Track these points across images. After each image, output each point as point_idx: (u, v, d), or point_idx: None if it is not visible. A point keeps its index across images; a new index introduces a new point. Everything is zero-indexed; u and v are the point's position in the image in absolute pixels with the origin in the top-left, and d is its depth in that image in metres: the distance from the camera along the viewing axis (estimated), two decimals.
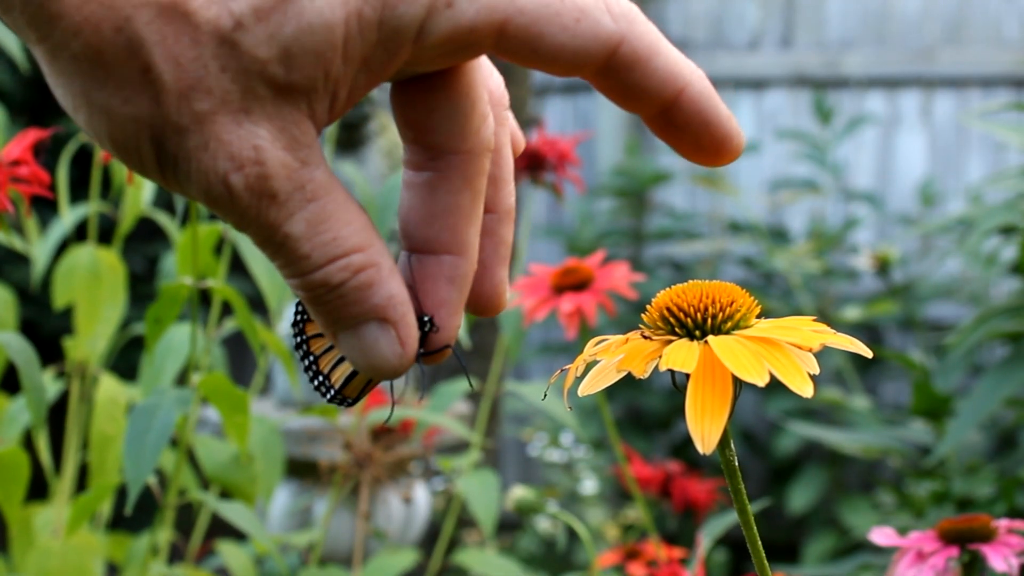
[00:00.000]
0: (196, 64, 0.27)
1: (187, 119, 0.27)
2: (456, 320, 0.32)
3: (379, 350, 0.30)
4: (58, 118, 2.50)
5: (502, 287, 0.34)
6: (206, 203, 0.28)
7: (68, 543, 0.86)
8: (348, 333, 0.30)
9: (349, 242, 0.29)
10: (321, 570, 0.94)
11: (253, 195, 0.28)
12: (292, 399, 1.54)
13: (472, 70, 0.31)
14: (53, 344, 1.28)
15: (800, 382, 0.31)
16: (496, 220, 0.34)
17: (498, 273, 0.34)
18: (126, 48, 0.26)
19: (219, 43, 0.27)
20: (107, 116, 0.27)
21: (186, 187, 0.28)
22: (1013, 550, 0.55)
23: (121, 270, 0.95)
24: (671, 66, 0.30)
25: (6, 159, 0.60)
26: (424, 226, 0.32)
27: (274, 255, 0.29)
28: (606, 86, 0.30)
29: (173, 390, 0.69)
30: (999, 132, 1.20)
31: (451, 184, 0.31)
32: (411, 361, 0.31)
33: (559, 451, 1.95)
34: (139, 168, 0.28)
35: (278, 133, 0.28)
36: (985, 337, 1.14)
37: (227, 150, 0.27)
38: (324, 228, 0.29)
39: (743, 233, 2.44)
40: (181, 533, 1.10)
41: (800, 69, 2.70)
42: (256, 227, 0.28)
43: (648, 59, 0.30)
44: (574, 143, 1.00)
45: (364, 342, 0.30)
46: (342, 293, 0.29)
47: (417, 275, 0.32)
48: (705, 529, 0.76)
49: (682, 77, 0.30)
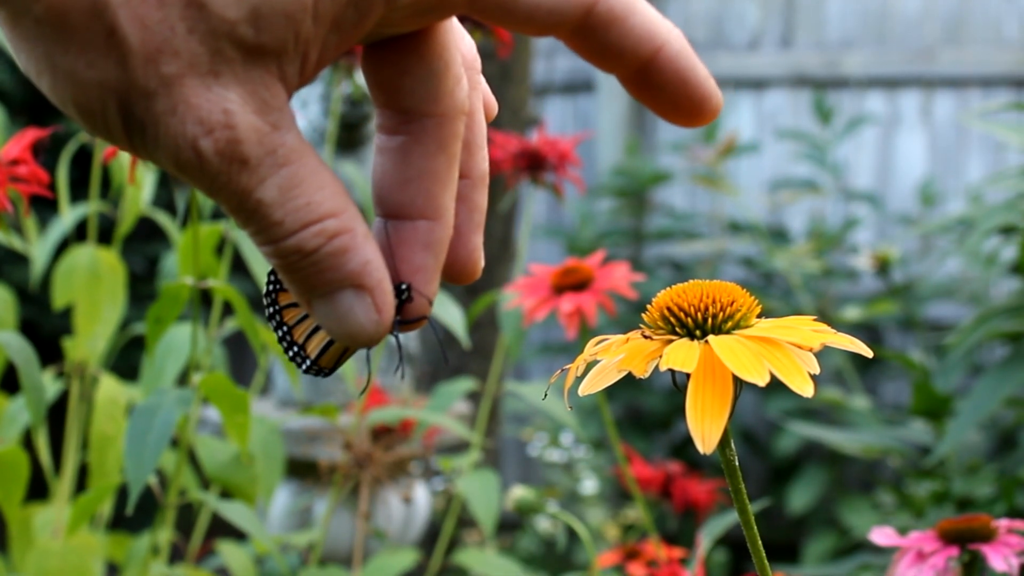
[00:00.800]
0: (162, 26, 0.26)
1: (154, 83, 0.26)
2: (433, 287, 0.31)
3: (355, 317, 0.29)
4: (58, 118, 2.50)
5: (477, 253, 0.33)
6: (176, 169, 0.27)
7: (68, 543, 0.86)
8: (323, 301, 0.29)
9: (323, 207, 0.28)
10: (321, 570, 0.94)
11: (223, 160, 0.27)
12: (292, 399, 1.54)
13: (444, 31, 0.31)
14: (53, 344, 1.28)
15: (801, 382, 0.31)
16: (470, 185, 0.33)
17: (473, 239, 0.33)
18: (90, 10, 0.26)
19: (186, 4, 0.26)
20: (72, 81, 0.26)
21: (154, 153, 0.27)
22: (1013, 550, 0.55)
23: (121, 270, 0.95)
24: (648, 24, 0.30)
25: (5, 158, 0.60)
26: (398, 191, 0.31)
27: (246, 222, 0.28)
28: (582, 46, 0.30)
29: (174, 390, 0.69)
30: (999, 132, 1.20)
31: (425, 148, 0.31)
32: (387, 329, 0.30)
33: (559, 451, 1.95)
34: (106, 135, 0.27)
35: (248, 97, 0.27)
36: (985, 337, 1.14)
37: (196, 114, 0.26)
38: (297, 193, 0.28)
39: (743, 233, 2.44)
40: (181, 533, 1.10)
41: (800, 69, 2.70)
42: (227, 193, 0.27)
43: (625, 17, 0.29)
44: (574, 143, 1.00)
45: (339, 309, 0.29)
46: (316, 259, 0.28)
47: (393, 241, 0.31)
48: (705, 529, 0.76)
49: (659, 35, 0.30)
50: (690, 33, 2.78)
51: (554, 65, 2.90)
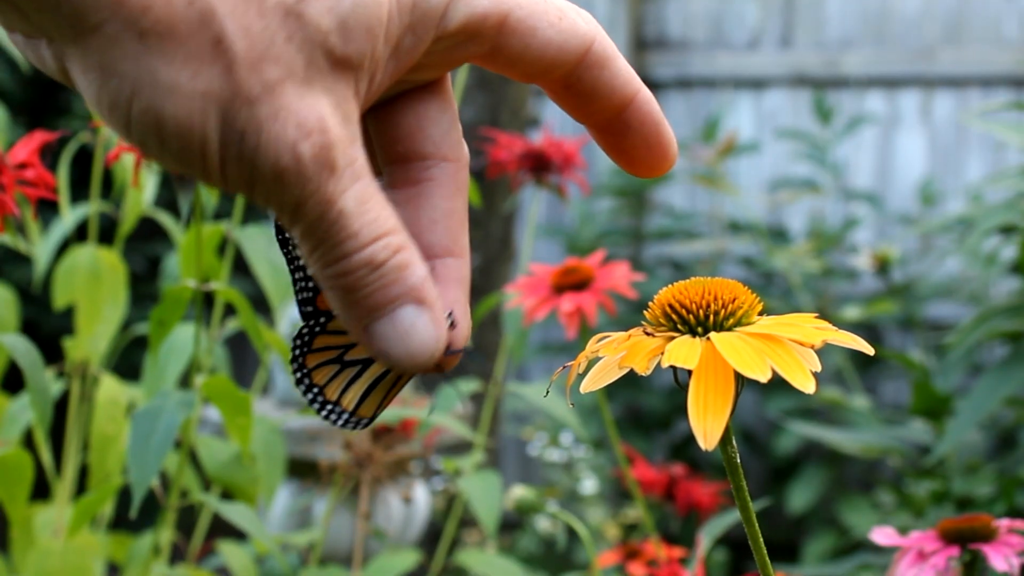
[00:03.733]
0: (265, 34, 0.27)
1: (258, 89, 0.27)
2: (467, 320, 0.32)
3: (417, 333, 0.30)
4: (58, 118, 2.50)
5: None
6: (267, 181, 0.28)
7: (68, 543, 0.86)
8: (384, 320, 0.30)
9: (389, 222, 0.29)
10: (321, 570, 0.94)
11: (317, 165, 0.28)
12: (292, 399, 1.54)
13: (449, 86, 0.33)
14: (53, 344, 1.28)
15: (802, 378, 0.31)
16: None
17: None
18: (198, 20, 0.26)
19: (285, 13, 0.27)
20: (174, 95, 0.27)
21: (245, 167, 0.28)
22: (1014, 550, 0.55)
23: (122, 270, 0.95)
24: (628, 69, 0.33)
25: (12, 162, 0.60)
26: (426, 233, 0.32)
27: (323, 236, 0.29)
28: (575, 87, 0.32)
29: (177, 393, 0.69)
30: (999, 132, 1.20)
31: (446, 190, 0.32)
32: (443, 348, 0.31)
33: (559, 450, 1.95)
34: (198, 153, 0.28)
35: (335, 107, 0.28)
36: (985, 337, 1.14)
37: (295, 119, 0.27)
38: (369, 207, 0.29)
39: (743, 233, 2.44)
40: (182, 533, 1.10)
41: (800, 69, 2.70)
42: (313, 202, 0.28)
43: (614, 58, 0.32)
44: (579, 145, 1.00)
45: (402, 326, 0.30)
46: (383, 273, 0.29)
47: None
48: (705, 528, 0.76)
49: (636, 80, 0.33)
50: (690, 33, 2.78)
51: None
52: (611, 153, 0.34)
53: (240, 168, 0.28)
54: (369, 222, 0.29)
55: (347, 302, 0.30)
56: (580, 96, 0.33)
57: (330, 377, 0.34)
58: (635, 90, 0.33)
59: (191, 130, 0.27)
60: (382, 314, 0.30)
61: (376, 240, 0.29)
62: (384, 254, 0.29)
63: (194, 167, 0.28)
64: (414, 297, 0.30)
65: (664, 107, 2.79)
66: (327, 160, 0.28)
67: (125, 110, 0.27)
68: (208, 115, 0.27)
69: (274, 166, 0.27)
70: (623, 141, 0.34)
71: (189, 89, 0.27)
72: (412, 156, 0.32)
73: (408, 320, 0.30)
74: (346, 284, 0.29)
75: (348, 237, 0.29)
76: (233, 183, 0.28)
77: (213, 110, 0.27)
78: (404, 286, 0.30)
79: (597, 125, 0.34)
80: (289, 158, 0.27)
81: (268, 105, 0.27)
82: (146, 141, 0.28)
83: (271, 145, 0.27)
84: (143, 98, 0.27)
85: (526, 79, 0.33)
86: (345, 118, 0.28)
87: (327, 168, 0.28)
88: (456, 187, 0.32)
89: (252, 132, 0.27)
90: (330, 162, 0.28)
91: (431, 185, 0.32)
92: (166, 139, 0.27)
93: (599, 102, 0.33)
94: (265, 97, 0.27)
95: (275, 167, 0.27)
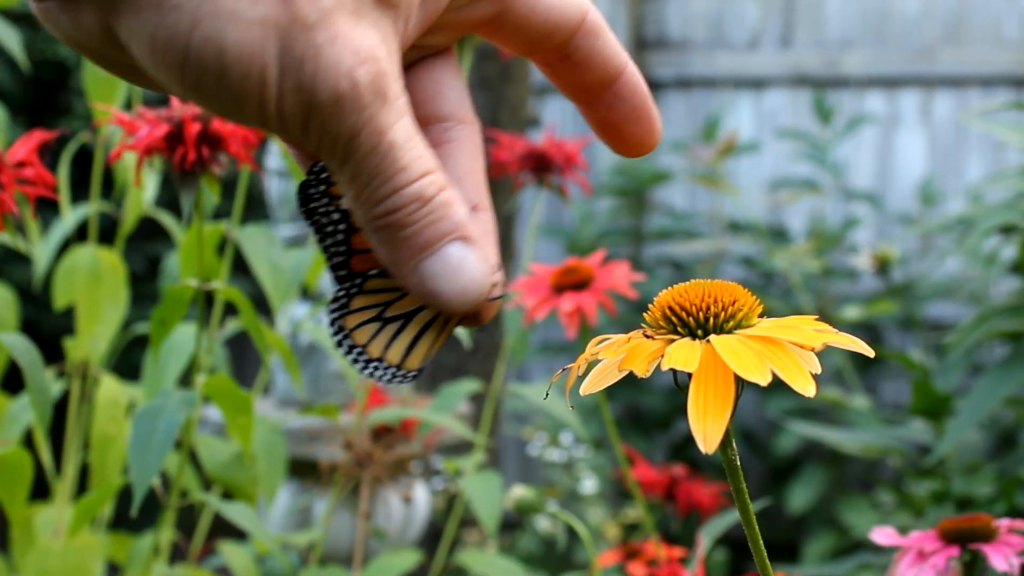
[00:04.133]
0: None
1: (315, 15, 0.28)
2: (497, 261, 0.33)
3: (467, 268, 0.30)
4: (58, 118, 2.50)
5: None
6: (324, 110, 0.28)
7: (69, 543, 0.86)
8: (434, 258, 0.30)
9: (432, 160, 0.30)
10: (321, 570, 0.94)
11: (372, 92, 0.28)
12: (292, 398, 1.54)
13: (457, 56, 0.34)
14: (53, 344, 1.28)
15: (802, 381, 0.31)
16: None
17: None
18: None
19: None
20: (234, 23, 0.27)
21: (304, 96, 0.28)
22: (1014, 549, 0.55)
23: (122, 270, 0.95)
24: (616, 41, 0.34)
25: (11, 161, 0.60)
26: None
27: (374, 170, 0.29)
28: (572, 57, 0.33)
29: (177, 392, 0.69)
30: (999, 131, 1.20)
31: (467, 150, 0.33)
32: (491, 286, 0.31)
33: (559, 450, 1.95)
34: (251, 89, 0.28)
35: (381, 40, 0.29)
36: (985, 337, 1.14)
37: (351, 44, 0.28)
38: (415, 143, 0.29)
39: (743, 233, 2.44)
40: (182, 533, 1.10)
41: (800, 69, 2.70)
42: (367, 132, 0.29)
43: (606, 29, 0.34)
44: (581, 145, 1.00)
45: (450, 263, 0.30)
46: (431, 208, 0.30)
47: None
48: (705, 528, 0.76)
49: (624, 52, 0.34)
50: (690, 33, 2.78)
51: None
52: (600, 129, 0.35)
53: (298, 97, 0.28)
54: (416, 157, 0.29)
55: (396, 242, 0.30)
56: (575, 67, 0.34)
57: (372, 335, 0.34)
58: (624, 62, 0.34)
59: (252, 58, 0.28)
60: (432, 251, 0.30)
61: (424, 175, 0.29)
62: (431, 190, 0.30)
63: (250, 102, 0.28)
64: (461, 234, 0.30)
65: (664, 107, 2.79)
66: (381, 88, 0.28)
67: (183, 44, 0.27)
68: (268, 42, 0.27)
69: (333, 91, 0.28)
70: (613, 114, 0.34)
71: (249, 16, 0.27)
72: (432, 119, 0.33)
73: (457, 256, 0.30)
74: (395, 221, 0.30)
75: (399, 170, 0.29)
76: (289, 117, 0.28)
77: (272, 37, 0.27)
78: (451, 222, 0.30)
79: (588, 99, 0.35)
80: (347, 83, 0.28)
81: (325, 31, 0.28)
82: (203, 78, 0.28)
83: (330, 70, 0.28)
84: (204, 28, 0.27)
85: (526, 48, 0.33)
86: (390, 52, 0.29)
87: (380, 96, 0.28)
88: (475, 147, 0.33)
89: (311, 58, 0.28)
90: (383, 90, 0.29)
91: (453, 146, 0.33)
92: (226, 70, 0.28)
93: (593, 72, 0.34)
94: (322, 23, 0.28)
95: (334, 92, 0.28)
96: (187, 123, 0.66)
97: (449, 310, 0.31)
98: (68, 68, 2.52)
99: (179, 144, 0.66)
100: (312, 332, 0.98)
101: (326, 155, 0.29)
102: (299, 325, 0.99)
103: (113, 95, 0.96)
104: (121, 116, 0.69)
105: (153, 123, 0.66)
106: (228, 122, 0.66)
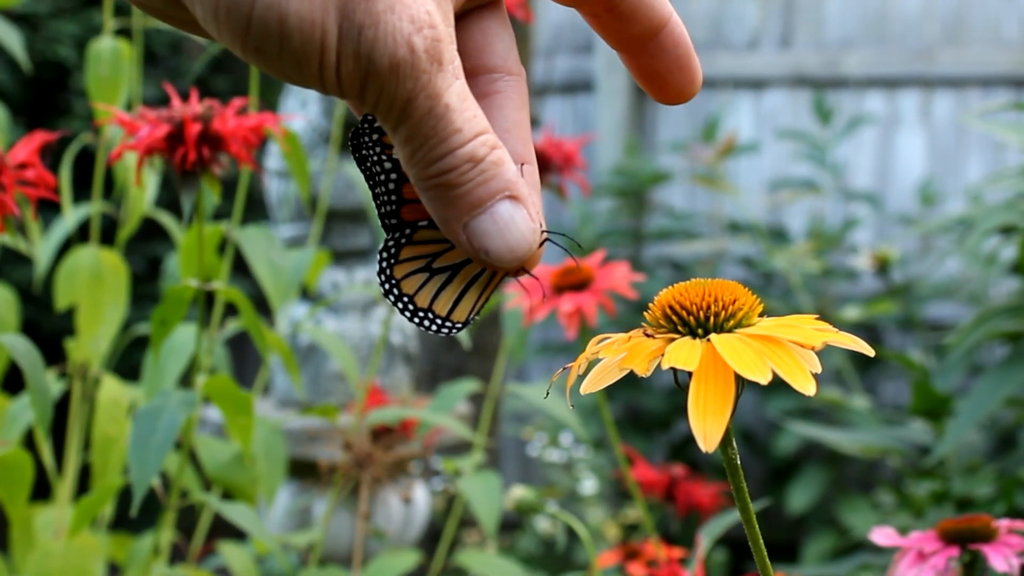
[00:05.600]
0: None
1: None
2: (542, 218, 0.33)
3: (516, 225, 0.31)
4: (58, 118, 2.50)
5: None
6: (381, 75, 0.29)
7: (69, 544, 0.86)
8: (484, 216, 0.31)
9: (484, 121, 0.31)
10: (321, 570, 0.94)
11: (429, 58, 0.29)
12: (292, 399, 1.54)
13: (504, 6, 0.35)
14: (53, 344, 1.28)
15: (803, 380, 0.31)
16: None
17: None
18: None
19: None
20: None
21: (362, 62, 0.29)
22: (1014, 550, 0.55)
23: (123, 271, 0.95)
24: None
25: (13, 162, 0.60)
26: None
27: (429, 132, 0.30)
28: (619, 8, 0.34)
29: (177, 392, 0.69)
30: (998, 132, 1.20)
31: (515, 102, 0.34)
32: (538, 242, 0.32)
33: (559, 451, 1.95)
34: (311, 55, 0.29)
35: (437, 5, 0.29)
36: (985, 337, 1.14)
37: (408, 12, 0.29)
38: (468, 104, 0.30)
39: (743, 233, 2.44)
40: (182, 533, 1.10)
41: (799, 69, 2.70)
42: (424, 96, 0.29)
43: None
44: (580, 145, 1.00)
45: (501, 220, 0.31)
46: (483, 168, 0.30)
47: None
48: (705, 529, 0.76)
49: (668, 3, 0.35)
50: (690, 33, 2.77)
51: (553, 65, 2.90)
52: (642, 79, 0.36)
53: (356, 63, 0.29)
54: (469, 119, 0.30)
55: (447, 200, 0.31)
56: (621, 18, 0.34)
57: (420, 285, 0.35)
58: (669, 12, 0.34)
59: (312, 25, 0.28)
60: (483, 210, 0.31)
61: (476, 136, 0.30)
62: (483, 150, 0.30)
63: (311, 67, 0.29)
64: (510, 191, 0.31)
65: (664, 107, 2.79)
66: (437, 53, 0.29)
67: (247, 11, 0.28)
68: (328, 10, 0.28)
69: (391, 58, 0.29)
70: (657, 64, 0.35)
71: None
72: (480, 70, 0.34)
73: (507, 214, 0.31)
74: (448, 181, 0.30)
75: (454, 132, 0.30)
76: (346, 81, 0.29)
77: (333, 5, 0.28)
78: (502, 181, 0.31)
79: (633, 49, 0.35)
80: (405, 50, 0.29)
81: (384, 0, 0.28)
82: (264, 45, 0.29)
83: (388, 38, 0.28)
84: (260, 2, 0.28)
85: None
86: (445, 17, 0.30)
87: (436, 61, 0.29)
88: (521, 99, 0.34)
89: (370, 25, 0.28)
90: (439, 55, 0.29)
91: (500, 97, 0.34)
92: (287, 37, 0.28)
93: (638, 24, 0.34)
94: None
95: (392, 59, 0.29)
96: (188, 124, 0.66)
97: (497, 266, 0.32)
98: (68, 68, 2.52)
99: (180, 145, 0.66)
100: (312, 332, 0.98)
101: (381, 117, 0.30)
102: (299, 325, 1.00)
103: (114, 96, 0.96)
104: (122, 116, 0.69)
105: (154, 123, 0.66)
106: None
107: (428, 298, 0.35)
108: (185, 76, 2.63)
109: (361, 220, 1.56)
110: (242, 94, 0.86)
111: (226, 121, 0.67)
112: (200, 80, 2.70)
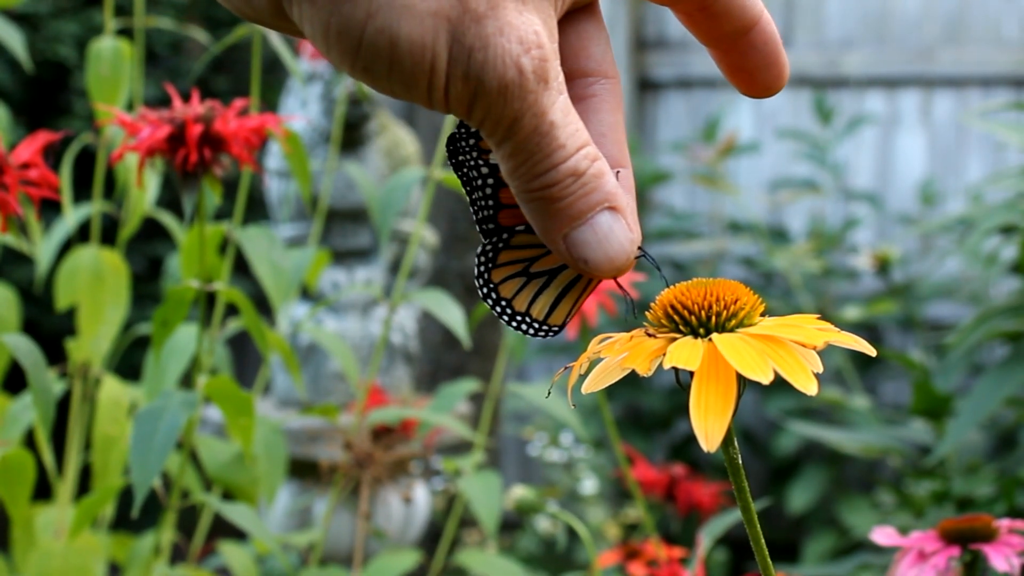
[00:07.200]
0: None
1: (483, 7, 0.29)
2: (639, 227, 0.33)
3: (615, 236, 0.32)
4: (59, 118, 2.50)
5: None
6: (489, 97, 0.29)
7: (70, 544, 0.86)
8: (584, 227, 0.31)
9: (585, 133, 0.31)
10: (321, 570, 0.94)
11: (536, 78, 0.29)
12: (292, 399, 1.54)
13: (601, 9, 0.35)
14: (54, 344, 1.28)
15: (804, 380, 0.31)
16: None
17: None
18: None
19: None
20: (407, 15, 0.28)
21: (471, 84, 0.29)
22: (1014, 550, 0.55)
23: (124, 271, 0.95)
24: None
25: (16, 162, 0.60)
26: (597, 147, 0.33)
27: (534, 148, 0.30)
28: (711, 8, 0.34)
29: (179, 393, 0.69)
30: (999, 132, 1.20)
31: (610, 105, 0.34)
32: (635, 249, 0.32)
33: (559, 450, 1.95)
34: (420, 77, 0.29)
35: (543, 23, 0.30)
36: (985, 337, 1.14)
37: (517, 33, 0.29)
38: (571, 119, 0.30)
39: (743, 233, 2.44)
40: (183, 533, 1.10)
41: (800, 69, 2.70)
42: (531, 115, 0.30)
43: None
44: None
45: (600, 231, 0.31)
46: (584, 181, 0.31)
47: None
48: (705, 529, 0.76)
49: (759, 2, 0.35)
50: (690, 33, 2.78)
51: None
52: (731, 74, 0.36)
53: (465, 85, 0.29)
54: (572, 133, 0.30)
55: (548, 212, 0.31)
56: (713, 17, 0.34)
57: (517, 289, 0.35)
58: (760, 11, 0.35)
59: (423, 49, 0.29)
60: (583, 221, 0.31)
61: (579, 150, 0.31)
62: (585, 163, 0.31)
63: (419, 87, 0.29)
64: (609, 203, 0.31)
65: (664, 107, 2.79)
66: (543, 73, 0.29)
67: (357, 34, 0.29)
68: (439, 33, 0.29)
69: (500, 80, 0.29)
70: (746, 61, 0.35)
71: (422, 9, 0.28)
72: (577, 73, 0.34)
73: (607, 225, 0.31)
74: (550, 195, 0.31)
75: (558, 147, 0.30)
76: (454, 101, 0.29)
77: (443, 28, 0.28)
78: (602, 193, 0.31)
79: (723, 46, 0.35)
80: (514, 72, 0.29)
81: (493, 22, 0.29)
82: (373, 65, 0.29)
83: (498, 60, 0.29)
84: (378, 20, 0.28)
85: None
86: (551, 33, 0.30)
87: (543, 80, 0.29)
88: (617, 102, 0.34)
89: (480, 48, 0.29)
90: (545, 75, 0.30)
91: (596, 101, 0.34)
92: (397, 59, 0.29)
93: (730, 22, 0.34)
94: (490, 14, 0.29)
95: (501, 81, 0.29)
96: (189, 125, 0.66)
97: (595, 275, 0.32)
98: (68, 68, 2.52)
99: (181, 145, 0.66)
100: (312, 332, 0.98)
101: (487, 133, 0.30)
102: (299, 325, 1.00)
103: (115, 95, 0.96)
104: (123, 117, 0.69)
105: (155, 124, 0.66)
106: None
107: (526, 302, 0.35)
108: (186, 76, 2.63)
109: (361, 220, 1.57)
110: (243, 94, 0.86)
111: (227, 122, 0.67)
112: (201, 80, 2.70)
